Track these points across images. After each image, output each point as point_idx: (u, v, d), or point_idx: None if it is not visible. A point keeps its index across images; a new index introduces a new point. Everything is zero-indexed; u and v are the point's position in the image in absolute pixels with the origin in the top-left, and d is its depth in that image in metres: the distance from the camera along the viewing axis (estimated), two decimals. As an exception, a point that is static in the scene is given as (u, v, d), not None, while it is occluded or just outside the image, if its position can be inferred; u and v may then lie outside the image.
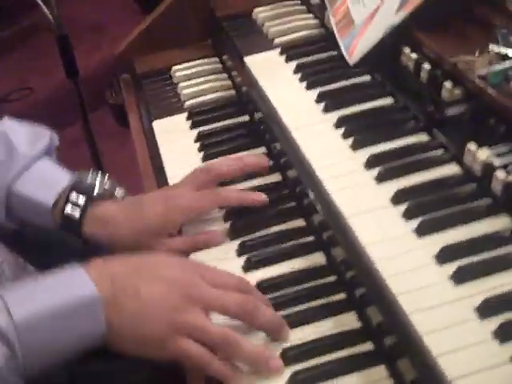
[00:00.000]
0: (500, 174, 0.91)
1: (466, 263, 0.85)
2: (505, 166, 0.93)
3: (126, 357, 0.87)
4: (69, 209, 1.09)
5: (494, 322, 0.78)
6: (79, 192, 1.10)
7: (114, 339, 0.86)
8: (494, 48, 1.07)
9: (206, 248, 1.06)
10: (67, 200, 1.09)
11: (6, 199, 1.12)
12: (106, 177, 1.14)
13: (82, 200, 1.09)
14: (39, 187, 1.11)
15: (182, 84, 1.51)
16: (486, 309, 0.79)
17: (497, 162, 0.94)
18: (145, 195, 1.14)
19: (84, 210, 1.08)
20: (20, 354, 0.81)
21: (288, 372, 0.86)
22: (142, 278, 0.88)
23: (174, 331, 0.85)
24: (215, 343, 0.86)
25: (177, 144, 1.34)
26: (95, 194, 1.10)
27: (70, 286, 0.86)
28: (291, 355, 0.88)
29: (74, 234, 1.10)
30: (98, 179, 1.12)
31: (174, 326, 0.85)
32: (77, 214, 1.08)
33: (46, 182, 1.12)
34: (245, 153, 1.26)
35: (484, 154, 0.95)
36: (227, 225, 1.11)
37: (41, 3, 2.22)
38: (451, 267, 0.85)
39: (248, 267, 1.02)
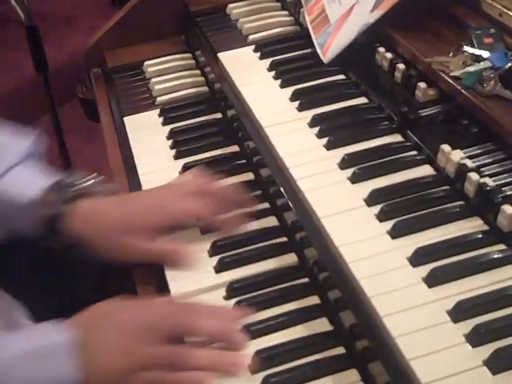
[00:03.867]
0: (473, 176, 0.91)
1: (438, 266, 0.85)
2: (478, 168, 0.93)
3: None
4: (50, 208, 1.06)
5: (467, 325, 0.77)
6: (62, 191, 1.08)
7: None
8: (468, 49, 1.07)
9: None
10: (48, 200, 1.07)
11: None
12: (93, 176, 1.13)
13: (63, 198, 1.07)
14: (19, 187, 1.08)
15: (154, 79, 1.48)
16: (459, 312, 0.79)
17: (470, 163, 0.94)
18: (137, 192, 1.16)
19: (68, 206, 1.06)
20: None
21: (260, 376, 0.85)
22: (96, 328, 0.89)
23: (127, 374, 0.86)
24: (172, 364, 0.86)
25: (149, 140, 1.32)
26: (77, 190, 1.08)
27: (44, 334, 0.88)
28: (264, 358, 0.87)
29: (54, 237, 1.06)
30: (84, 178, 1.11)
31: (126, 370, 0.86)
32: (60, 210, 1.05)
33: (26, 181, 1.09)
34: (218, 151, 1.25)
35: (457, 155, 0.95)
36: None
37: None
38: (425, 269, 0.85)
39: (220, 268, 1.01)
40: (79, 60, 1.66)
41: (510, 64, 1.01)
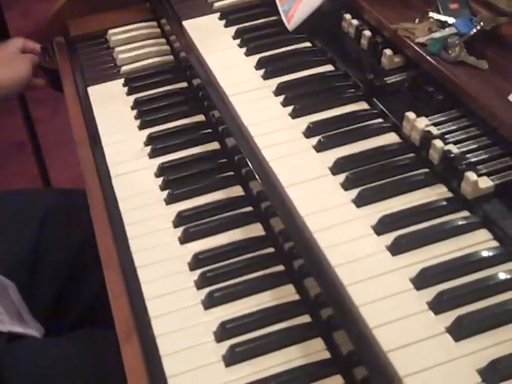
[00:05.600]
0: (437, 143, 0.91)
1: (403, 233, 0.84)
2: (442, 135, 0.93)
3: None
4: None
5: (430, 293, 0.77)
6: None
7: None
8: (433, 15, 1.06)
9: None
10: None
11: None
12: None
13: None
14: None
15: (118, 48, 1.46)
16: (423, 279, 0.79)
17: (435, 131, 0.94)
18: None
19: None
20: None
21: (226, 345, 0.85)
22: None
23: None
24: None
25: (113, 111, 1.30)
26: None
27: None
28: (229, 328, 0.87)
29: None
30: None
31: None
32: None
33: None
34: (184, 120, 1.23)
35: (422, 123, 0.95)
36: (164, 193, 1.08)
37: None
38: (389, 237, 0.85)
39: (185, 238, 1.00)
40: (43, 29, 1.62)
41: (474, 30, 1.00)
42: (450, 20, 1.03)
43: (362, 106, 1.06)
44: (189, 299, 0.92)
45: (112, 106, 1.31)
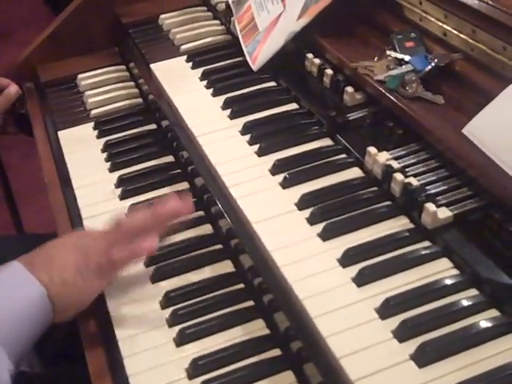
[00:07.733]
0: (398, 177, 0.94)
1: (367, 265, 0.87)
2: (403, 168, 0.96)
3: None
4: None
5: (395, 322, 0.80)
6: None
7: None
8: (391, 53, 1.10)
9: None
10: None
11: None
12: None
13: None
14: None
15: (88, 92, 1.48)
16: (387, 309, 0.81)
17: (395, 164, 0.97)
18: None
19: None
20: None
21: (198, 382, 0.86)
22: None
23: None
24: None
25: (83, 154, 1.31)
26: None
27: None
28: (201, 364, 0.88)
29: None
30: None
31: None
32: None
33: None
34: (153, 162, 1.26)
35: (383, 157, 0.98)
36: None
37: None
38: (354, 269, 0.87)
39: (156, 278, 1.01)
40: (12, 75, 1.64)
41: (430, 67, 1.04)
42: (407, 57, 1.07)
43: (326, 142, 1.10)
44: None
45: (82, 150, 1.33)
